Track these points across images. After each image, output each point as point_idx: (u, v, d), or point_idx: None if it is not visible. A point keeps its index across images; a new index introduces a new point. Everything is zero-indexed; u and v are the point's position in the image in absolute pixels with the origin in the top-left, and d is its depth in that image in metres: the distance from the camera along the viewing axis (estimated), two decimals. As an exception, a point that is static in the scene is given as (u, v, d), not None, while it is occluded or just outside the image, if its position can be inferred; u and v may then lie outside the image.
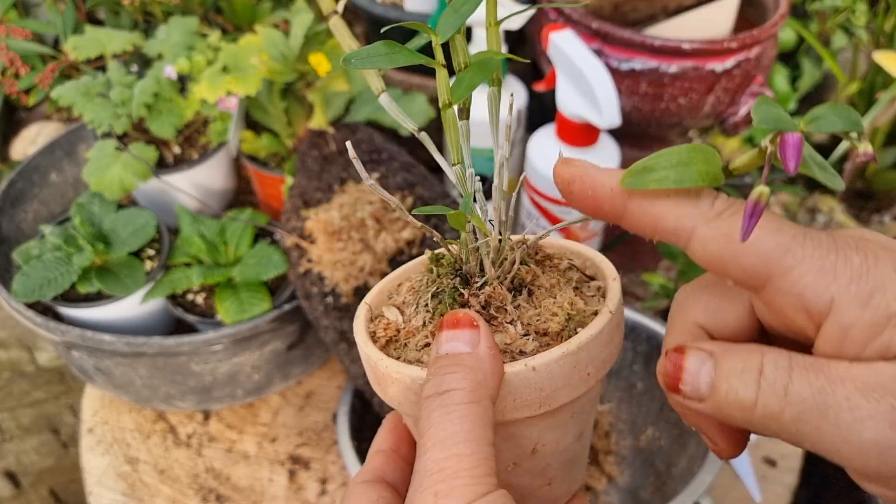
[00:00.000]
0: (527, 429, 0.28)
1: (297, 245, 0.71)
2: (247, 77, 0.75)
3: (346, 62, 0.27)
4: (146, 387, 0.76)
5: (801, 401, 0.22)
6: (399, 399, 0.28)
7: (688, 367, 0.24)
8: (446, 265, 0.31)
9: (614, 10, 0.78)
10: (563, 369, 0.26)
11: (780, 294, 0.22)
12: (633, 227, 0.25)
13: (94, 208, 0.78)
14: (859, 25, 1.02)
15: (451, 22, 0.27)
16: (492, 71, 0.28)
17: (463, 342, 0.26)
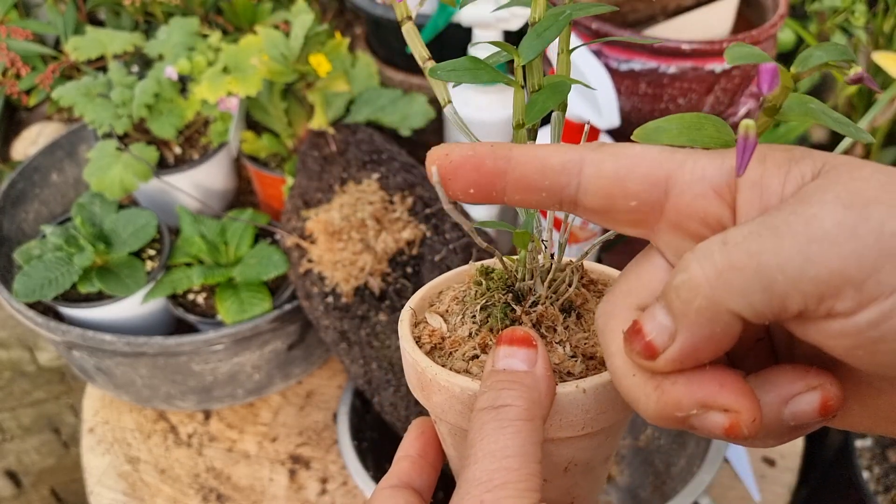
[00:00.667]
0: (565, 448, 0.28)
1: (297, 245, 0.72)
2: (247, 77, 0.75)
3: (432, 74, 0.28)
4: (147, 387, 0.76)
5: (744, 237, 0.20)
6: (443, 407, 0.28)
7: (643, 321, 0.22)
8: (497, 279, 0.31)
9: (614, 11, 0.79)
10: (610, 394, 0.27)
11: (685, 187, 0.22)
12: (520, 184, 0.24)
13: (95, 208, 0.79)
14: (858, 26, 1.02)
15: (534, 46, 0.27)
16: (564, 96, 0.28)
17: (520, 360, 0.26)
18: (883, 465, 0.88)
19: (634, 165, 0.22)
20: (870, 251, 0.18)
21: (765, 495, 0.74)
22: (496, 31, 0.75)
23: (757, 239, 0.19)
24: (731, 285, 0.20)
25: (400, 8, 0.30)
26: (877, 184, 0.19)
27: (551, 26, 0.27)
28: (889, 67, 0.79)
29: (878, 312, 0.19)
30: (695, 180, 0.22)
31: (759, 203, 0.21)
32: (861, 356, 0.20)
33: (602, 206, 0.23)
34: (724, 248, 0.20)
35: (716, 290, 0.20)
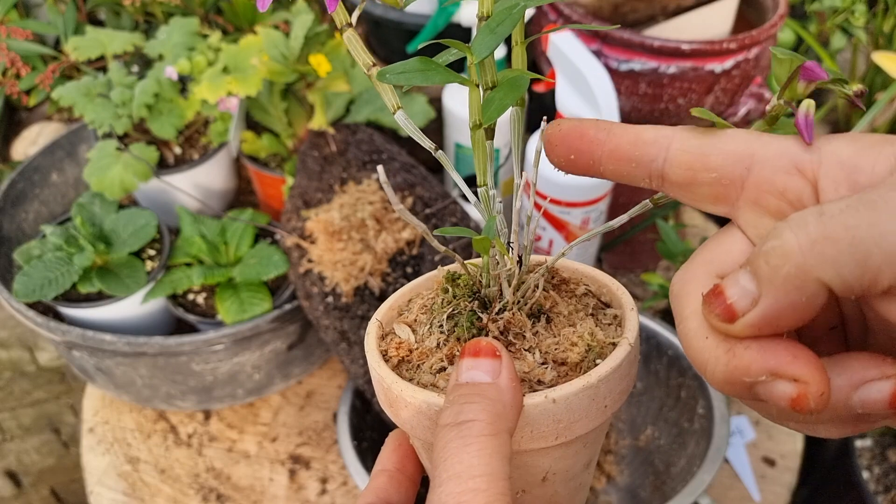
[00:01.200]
0: (540, 458, 0.28)
1: (297, 245, 0.72)
2: (247, 78, 0.75)
3: (381, 78, 0.27)
4: (147, 386, 0.76)
5: (840, 210, 0.20)
6: (412, 423, 0.28)
7: (727, 285, 0.22)
8: (463, 286, 0.30)
9: (614, 11, 0.79)
10: (582, 402, 0.26)
11: (767, 163, 0.23)
12: (614, 154, 0.25)
13: (95, 208, 0.79)
14: (858, 26, 1.02)
15: (488, 42, 0.26)
16: (522, 91, 0.27)
17: (484, 371, 0.25)
18: (883, 465, 0.88)
19: (719, 142, 0.23)
20: None
21: (765, 495, 0.74)
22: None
23: (854, 212, 0.19)
24: (825, 255, 0.20)
25: (338, 15, 0.28)
26: None
27: (504, 20, 0.26)
28: (889, 67, 0.79)
29: None
30: (777, 156, 0.23)
31: (847, 182, 0.21)
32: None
33: (685, 178, 0.24)
34: (821, 219, 0.20)
35: (808, 259, 0.20)
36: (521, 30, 0.29)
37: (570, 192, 0.73)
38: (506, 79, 0.27)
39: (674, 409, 0.72)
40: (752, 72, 0.73)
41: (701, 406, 0.68)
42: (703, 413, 0.67)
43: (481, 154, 0.29)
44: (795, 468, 0.77)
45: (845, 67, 1.11)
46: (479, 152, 0.29)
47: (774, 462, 0.77)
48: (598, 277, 0.31)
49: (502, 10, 0.27)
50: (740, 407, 0.81)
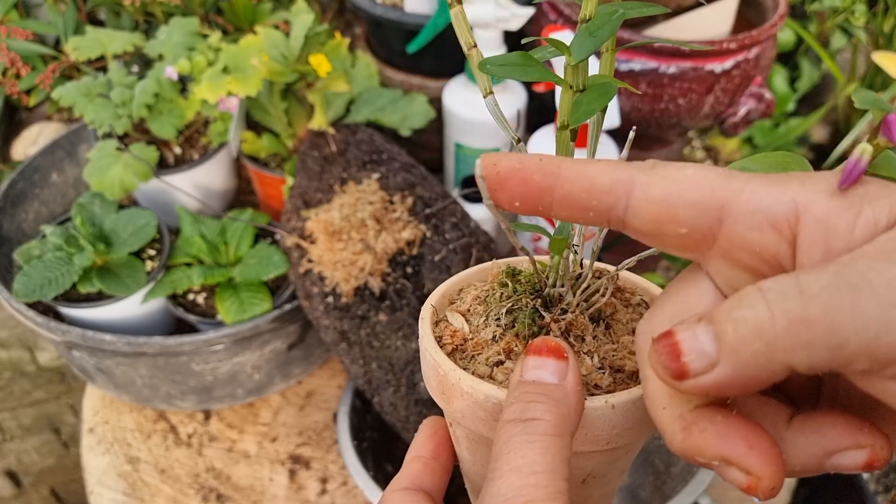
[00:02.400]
0: (586, 461, 0.28)
1: (297, 245, 0.72)
2: (247, 78, 0.75)
3: (481, 68, 0.27)
4: (147, 386, 0.76)
5: (821, 288, 0.18)
6: (464, 412, 0.27)
7: (681, 337, 0.21)
8: (525, 282, 0.30)
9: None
10: (637, 411, 0.26)
11: (740, 218, 0.21)
12: (566, 201, 0.23)
13: (95, 208, 0.79)
14: (858, 26, 1.02)
15: (587, 45, 0.26)
16: (610, 97, 0.27)
17: (550, 372, 0.25)
18: (883, 465, 0.88)
19: (685, 191, 0.21)
20: None
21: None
22: (496, 30, 0.75)
23: (835, 295, 0.18)
24: (799, 339, 0.18)
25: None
26: None
27: (604, 25, 0.26)
28: (888, 67, 0.79)
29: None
30: (750, 212, 0.21)
31: (824, 243, 0.20)
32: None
33: (651, 230, 0.22)
34: (801, 298, 0.19)
35: (780, 340, 0.19)
36: (614, 38, 0.29)
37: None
38: (595, 84, 0.27)
39: (674, 409, 0.72)
40: (753, 72, 0.73)
41: (701, 406, 0.68)
42: (703, 413, 0.67)
43: (565, 154, 0.29)
44: (795, 468, 0.77)
45: (845, 67, 1.11)
46: (564, 153, 0.29)
47: (774, 462, 0.77)
48: (650, 289, 0.32)
49: (602, 15, 0.26)
50: (740, 407, 0.81)
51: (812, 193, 0.20)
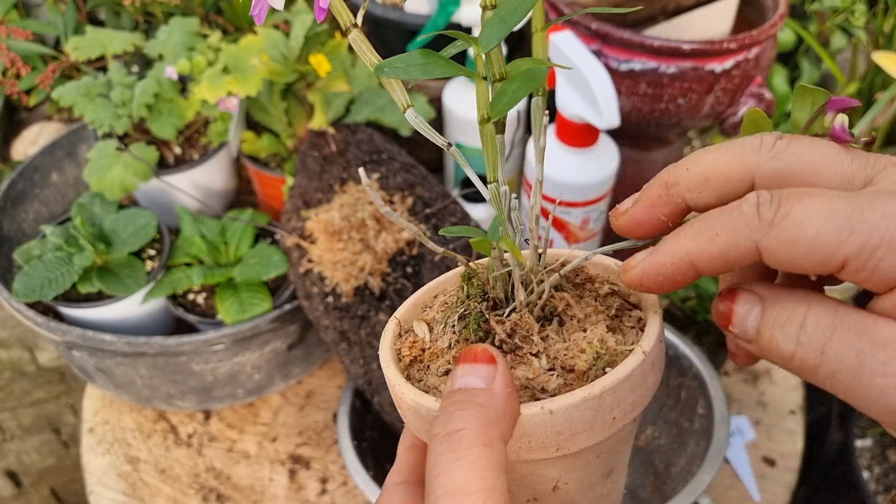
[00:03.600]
0: (545, 468, 0.26)
1: (297, 245, 0.72)
2: (247, 78, 0.75)
3: (378, 71, 0.25)
4: (147, 386, 0.76)
5: (837, 360, 0.22)
6: (416, 426, 0.27)
7: (737, 310, 0.24)
8: (476, 285, 0.29)
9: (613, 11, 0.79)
10: (583, 414, 0.24)
11: (858, 272, 0.22)
12: (708, 273, 0.25)
13: (95, 208, 0.79)
14: (858, 26, 1.02)
15: (496, 32, 0.24)
16: (539, 82, 0.25)
17: (478, 377, 0.25)
18: (883, 465, 0.88)
19: (810, 254, 0.22)
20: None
21: (765, 495, 0.74)
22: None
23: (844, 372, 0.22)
24: (802, 376, 0.23)
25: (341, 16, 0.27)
26: None
27: (516, 8, 0.24)
28: (888, 67, 0.79)
29: None
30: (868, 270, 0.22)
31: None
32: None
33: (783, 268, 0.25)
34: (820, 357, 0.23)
35: (789, 370, 0.23)
36: (542, 14, 0.27)
37: (570, 192, 0.73)
38: (520, 70, 0.25)
39: (674, 409, 0.72)
40: (753, 72, 0.73)
41: (701, 406, 0.68)
42: (703, 413, 0.67)
43: (491, 150, 0.28)
44: (795, 468, 0.77)
45: (845, 67, 1.11)
46: (489, 148, 0.28)
47: (774, 462, 0.77)
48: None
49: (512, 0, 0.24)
50: (740, 407, 0.81)
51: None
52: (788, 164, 0.24)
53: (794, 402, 0.82)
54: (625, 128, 0.70)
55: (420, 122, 0.28)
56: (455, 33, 0.25)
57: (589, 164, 0.72)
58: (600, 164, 0.73)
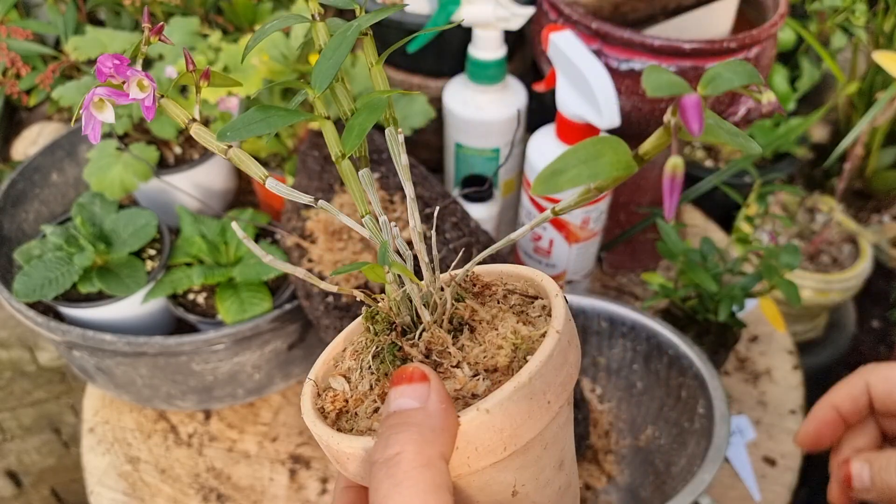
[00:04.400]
0: (498, 474, 0.26)
1: (297, 245, 0.72)
2: (247, 77, 0.75)
3: (221, 138, 0.25)
4: (147, 386, 0.76)
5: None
6: (360, 474, 0.26)
7: (854, 472, 0.35)
8: (381, 321, 0.29)
9: (614, 11, 0.79)
10: (519, 405, 0.24)
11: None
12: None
13: (95, 208, 0.79)
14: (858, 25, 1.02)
15: (326, 71, 0.25)
16: (381, 112, 0.25)
17: (411, 398, 0.24)
18: (883, 464, 0.88)
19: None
20: None
21: (765, 495, 0.74)
22: (496, 30, 0.75)
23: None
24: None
25: (174, 112, 0.26)
26: None
27: (341, 45, 0.25)
28: (889, 67, 0.78)
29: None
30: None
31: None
32: None
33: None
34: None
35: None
36: (374, 51, 0.27)
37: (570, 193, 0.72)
38: (364, 103, 0.26)
39: (674, 408, 0.72)
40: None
41: (701, 406, 0.68)
42: (704, 413, 0.67)
43: (355, 184, 0.28)
44: (796, 468, 0.76)
45: (845, 67, 1.11)
46: (352, 183, 0.28)
47: (775, 462, 0.77)
48: (521, 273, 0.30)
49: (336, 37, 0.25)
50: (741, 407, 0.81)
51: None
52: None
53: (794, 401, 0.82)
54: (625, 127, 0.70)
55: (281, 188, 0.28)
56: (289, 82, 0.26)
57: (589, 164, 0.72)
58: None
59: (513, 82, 0.82)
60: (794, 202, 1.05)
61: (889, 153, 1.04)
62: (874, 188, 1.06)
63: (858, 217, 1.06)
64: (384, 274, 0.26)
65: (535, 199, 0.76)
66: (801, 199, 1.05)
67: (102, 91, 0.25)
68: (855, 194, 1.09)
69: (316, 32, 0.25)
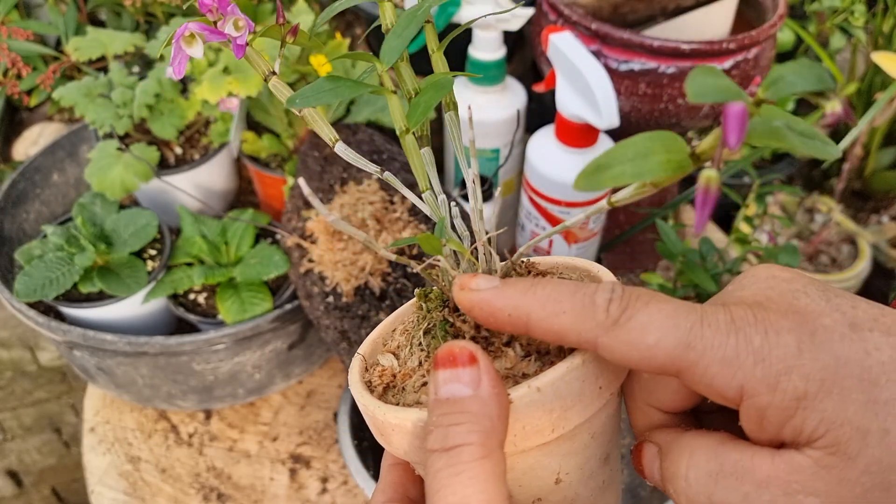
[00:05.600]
0: (544, 458, 0.26)
1: (298, 245, 0.72)
2: (248, 78, 0.76)
3: (290, 104, 0.26)
4: (148, 386, 0.76)
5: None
6: (404, 448, 0.26)
7: (644, 459, 0.27)
8: (435, 299, 0.29)
9: (613, 12, 0.79)
10: (571, 386, 0.24)
11: (694, 384, 0.23)
12: (540, 338, 0.25)
13: (96, 208, 0.79)
14: (857, 26, 1.03)
15: (395, 47, 0.26)
16: (445, 91, 0.26)
17: (463, 383, 0.24)
18: (882, 464, 0.88)
19: (646, 359, 0.23)
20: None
21: (764, 494, 0.74)
22: (496, 31, 0.75)
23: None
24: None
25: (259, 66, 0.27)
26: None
27: (409, 24, 0.26)
28: (888, 67, 0.79)
29: None
30: (704, 384, 0.23)
31: (758, 426, 0.23)
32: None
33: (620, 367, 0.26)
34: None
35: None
36: (435, 38, 0.29)
37: (570, 193, 0.73)
38: (430, 83, 0.27)
39: (673, 408, 0.72)
40: (752, 72, 0.74)
41: (700, 405, 0.68)
42: (703, 412, 0.68)
43: (416, 159, 0.29)
44: (795, 467, 0.77)
45: (845, 67, 1.11)
46: (414, 158, 0.28)
47: (774, 461, 0.77)
48: (577, 264, 0.31)
49: (406, 16, 0.26)
50: (740, 406, 0.81)
51: (758, 383, 0.22)
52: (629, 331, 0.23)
53: (793, 401, 0.82)
54: (624, 128, 0.70)
55: (350, 152, 0.29)
56: (358, 54, 0.27)
57: (589, 165, 0.72)
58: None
59: (512, 83, 0.83)
60: (793, 202, 1.06)
61: (888, 153, 1.04)
62: (873, 188, 1.06)
63: (857, 217, 1.06)
64: (440, 246, 0.26)
65: (535, 200, 0.77)
66: (800, 199, 1.05)
67: (195, 26, 0.25)
68: (854, 195, 1.09)
69: (384, 11, 0.27)
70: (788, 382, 0.21)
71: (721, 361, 0.22)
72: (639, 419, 0.28)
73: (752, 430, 0.23)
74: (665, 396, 0.27)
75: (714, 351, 0.22)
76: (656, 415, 0.28)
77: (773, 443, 0.23)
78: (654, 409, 0.27)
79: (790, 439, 0.22)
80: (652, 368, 0.23)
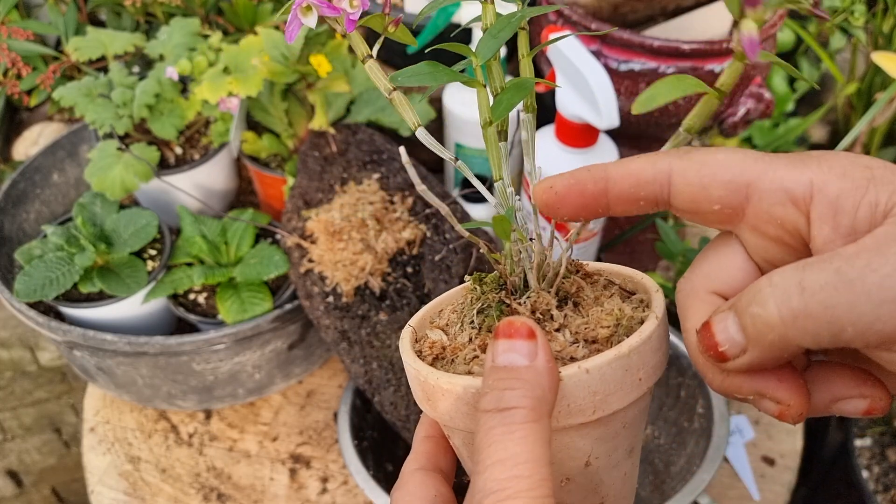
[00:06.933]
0: (580, 439, 0.28)
1: (298, 245, 0.72)
2: (248, 78, 0.75)
3: (393, 80, 0.30)
4: (148, 386, 0.76)
5: (821, 287, 0.22)
6: (451, 413, 0.28)
7: (716, 330, 0.25)
8: (490, 282, 0.31)
9: (613, 12, 0.79)
10: (615, 372, 0.26)
11: (764, 196, 0.24)
12: (620, 198, 0.27)
13: (96, 208, 0.79)
14: (857, 26, 1.03)
15: (490, 46, 0.29)
16: (527, 92, 0.29)
17: (520, 354, 0.25)
18: (882, 464, 0.88)
19: (717, 174, 0.25)
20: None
21: (764, 494, 0.74)
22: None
23: (833, 293, 0.21)
24: (805, 329, 0.22)
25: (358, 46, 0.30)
26: None
27: (505, 28, 0.29)
28: (888, 67, 0.79)
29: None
30: (773, 190, 0.24)
31: (832, 220, 0.23)
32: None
33: (690, 208, 0.26)
34: (802, 296, 0.22)
35: (789, 331, 0.22)
36: (527, 43, 0.31)
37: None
38: (514, 83, 0.30)
39: (673, 408, 0.72)
40: (752, 72, 0.74)
41: (700, 405, 0.68)
42: (703, 412, 0.68)
43: (494, 150, 0.31)
44: (795, 467, 0.77)
45: (844, 67, 1.11)
46: (493, 149, 0.31)
47: (774, 461, 0.77)
48: (621, 271, 0.33)
49: (502, 19, 0.29)
50: (740, 406, 0.81)
51: (826, 174, 0.23)
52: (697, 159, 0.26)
53: (793, 401, 0.82)
54: (624, 128, 0.70)
55: (430, 139, 0.32)
56: (455, 46, 0.29)
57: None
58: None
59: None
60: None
61: (888, 154, 1.04)
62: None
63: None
64: (510, 231, 0.28)
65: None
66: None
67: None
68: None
69: (485, 12, 0.29)
70: (855, 169, 0.23)
71: (788, 164, 0.24)
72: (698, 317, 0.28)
73: (825, 234, 0.23)
74: (729, 275, 0.27)
75: (780, 160, 0.24)
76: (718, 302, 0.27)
77: (849, 241, 0.23)
78: (718, 296, 0.27)
79: (866, 221, 0.23)
80: (721, 187, 0.24)
